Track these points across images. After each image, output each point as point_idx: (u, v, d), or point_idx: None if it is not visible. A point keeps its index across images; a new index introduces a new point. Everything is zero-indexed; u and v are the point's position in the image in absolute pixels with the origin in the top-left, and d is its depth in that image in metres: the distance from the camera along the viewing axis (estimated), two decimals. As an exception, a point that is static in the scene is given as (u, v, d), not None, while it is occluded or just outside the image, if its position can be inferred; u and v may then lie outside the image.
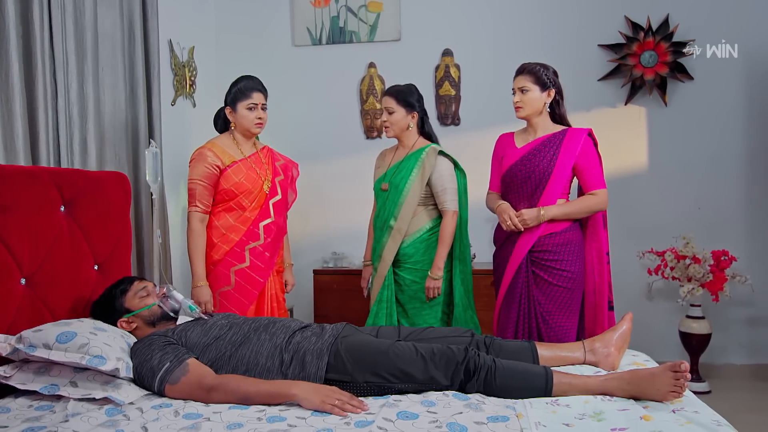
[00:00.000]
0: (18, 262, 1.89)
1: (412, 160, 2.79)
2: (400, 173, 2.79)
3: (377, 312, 2.77)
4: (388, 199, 2.80)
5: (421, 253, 2.78)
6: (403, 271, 2.79)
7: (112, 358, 1.76)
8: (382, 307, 2.77)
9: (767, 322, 3.63)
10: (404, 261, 2.78)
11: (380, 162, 2.96)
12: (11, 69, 2.19)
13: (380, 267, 2.79)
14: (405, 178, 2.76)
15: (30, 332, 1.80)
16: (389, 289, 2.78)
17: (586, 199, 2.54)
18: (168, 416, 1.61)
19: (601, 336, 2.07)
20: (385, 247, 2.77)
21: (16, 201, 1.89)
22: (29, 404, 1.71)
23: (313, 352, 1.85)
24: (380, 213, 2.84)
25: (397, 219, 2.75)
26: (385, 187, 2.83)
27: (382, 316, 2.76)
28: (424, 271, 2.77)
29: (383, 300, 2.77)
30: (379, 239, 2.82)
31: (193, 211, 2.59)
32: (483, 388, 1.76)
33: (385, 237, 2.78)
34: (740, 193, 3.66)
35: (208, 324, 1.99)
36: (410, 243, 2.77)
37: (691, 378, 1.67)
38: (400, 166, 2.81)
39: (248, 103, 2.62)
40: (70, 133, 2.48)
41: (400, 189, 2.76)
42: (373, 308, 2.78)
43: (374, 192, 2.94)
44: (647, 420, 1.54)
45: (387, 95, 2.81)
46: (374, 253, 2.88)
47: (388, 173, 2.86)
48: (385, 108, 2.80)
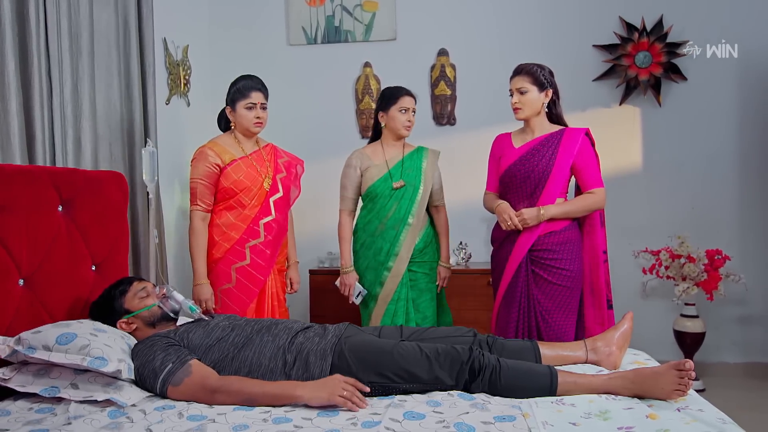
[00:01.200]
0: (16, 263, 1.86)
1: (416, 159, 2.86)
2: (410, 172, 2.84)
3: (395, 310, 2.78)
4: (404, 197, 2.81)
5: (429, 247, 2.89)
6: (414, 266, 2.84)
7: (114, 359, 1.74)
8: (401, 305, 2.80)
9: (760, 320, 3.67)
10: (416, 256, 2.84)
11: (367, 162, 2.87)
12: (7, 67, 2.17)
13: (397, 265, 2.79)
14: (418, 176, 2.83)
15: (29, 334, 1.77)
16: (407, 286, 2.82)
17: (584, 198, 2.55)
18: (172, 418, 1.59)
19: (602, 335, 2.07)
20: (404, 245, 2.79)
21: (15, 201, 1.87)
22: (29, 407, 1.69)
23: (317, 352, 1.84)
24: (391, 212, 2.81)
25: (415, 216, 2.81)
26: (400, 185, 2.81)
27: (401, 314, 2.78)
28: (430, 264, 2.89)
29: (401, 298, 2.80)
30: (392, 239, 2.80)
31: (195, 210, 2.61)
32: (488, 388, 1.76)
33: (402, 235, 2.79)
34: (733, 192, 3.69)
35: (210, 325, 1.97)
36: (421, 238, 2.85)
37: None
38: (405, 164, 2.84)
39: (247, 102, 2.63)
40: (64, 131, 2.46)
41: (416, 187, 2.82)
42: (390, 306, 2.79)
43: (372, 193, 2.86)
44: (653, 419, 1.55)
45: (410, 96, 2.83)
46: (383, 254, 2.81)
47: (393, 171, 2.85)
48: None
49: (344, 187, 2.93)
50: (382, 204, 2.85)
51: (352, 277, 2.88)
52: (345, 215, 2.93)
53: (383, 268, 2.82)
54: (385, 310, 2.81)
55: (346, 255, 2.91)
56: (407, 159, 2.86)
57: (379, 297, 2.83)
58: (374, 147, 2.92)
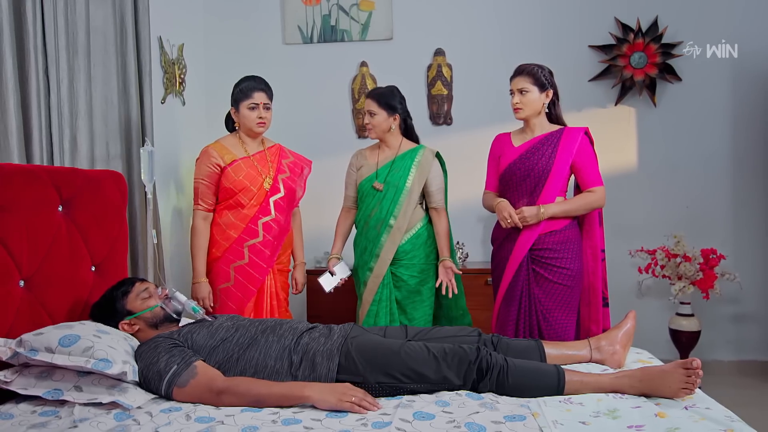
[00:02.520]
0: (17, 264, 1.83)
1: (407, 160, 2.82)
2: (397, 173, 2.80)
3: (377, 311, 2.76)
4: (385, 199, 2.79)
5: (418, 249, 2.82)
6: (400, 268, 2.80)
7: (119, 361, 1.71)
8: (383, 306, 2.76)
9: (753, 319, 3.70)
10: (402, 258, 2.79)
11: (362, 161, 2.91)
12: (5, 64, 2.13)
13: (378, 266, 2.77)
14: (404, 177, 2.78)
15: (31, 336, 1.74)
16: (388, 287, 2.78)
17: (585, 197, 2.56)
18: (180, 420, 1.57)
19: (606, 334, 2.09)
20: (384, 247, 2.76)
21: (15, 201, 1.84)
22: (32, 410, 1.66)
23: (323, 353, 1.83)
24: (373, 212, 2.82)
25: (397, 218, 2.76)
26: (380, 187, 2.81)
27: (383, 315, 2.75)
28: (421, 266, 2.81)
29: (383, 299, 2.77)
30: (374, 239, 2.80)
31: (196, 209, 2.66)
32: (495, 388, 1.76)
33: (383, 236, 2.76)
34: (727, 192, 3.72)
35: (213, 326, 1.96)
36: (409, 240, 2.80)
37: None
38: (394, 165, 2.82)
39: (249, 103, 2.65)
40: (61, 130, 2.43)
41: (400, 188, 2.77)
42: (372, 308, 2.76)
43: (360, 192, 2.90)
44: (662, 417, 1.56)
45: (369, 98, 2.82)
46: (366, 253, 2.83)
47: (380, 173, 2.84)
48: (367, 111, 2.81)
49: (345, 185, 3.00)
50: (367, 203, 2.87)
51: (331, 263, 2.90)
52: (342, 211, 3.02)
53: (366, 268, 2.83)
54: (367, 311, 2.80)
55: (336, 245, 2.96)
56: (398, 159, 2.82)
57: (362, 296, 2.84)
58: (375, 147, 2.92)
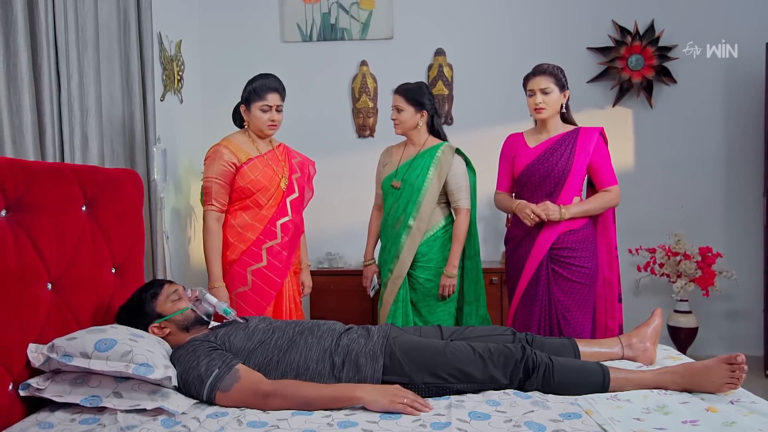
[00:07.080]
0: (46, 266, 1.75)
1: (427, 158, 2.76)
2: (414, 171, 2.76)
3: (394, 312, 2.73)
4: (402, 197, 2.76)
5: (435, 251, 2.77)
6: (416, 270, 2.76)
7: (160, 366, 1.66)
8: (399, 307, 2.74)
9: (747, 315, 3.80)
10: (418, 260, 2.76)
11: (387, 159, 2.91)
12: (19, 58, 2.05)
13: (398, 267, 2.74)
14: (422, 176, 2.73)
15: (63, 340, 1.67)
16: (404, 287, 2.76)
17: (602, 196, 2.59)
18: (232, 425, 1.53)
19: (635, 331, 2.11)
20: (404, 247, 2.73)
21: (45, 200, 1.76)
22: (71, 417, 1.59)
23: (367, 354, 1.80)
24: (392, 212, 2.79)
25: (416, 218, 2.72)
26: (397, 185, 2.77)
27: (400, 316, 2.73)
28: (437, 269, 2.76)
29: (400, 300, 2.75)
30: (394, 239, 2.77)
31: (209, 210, 2.51)
32: (541, 386, 1.76)
33: (403, 237, 2.73)
34: (720, 191, 3.82)
35: (249, 328, 1.91)
36: (425, 241, 2.76)
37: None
38: (413, 163, 2.78)
39: (262, 104, 2.53)
40: (71, 127, 2.34)
41: (417, 187, 2.73)
42: (392, 308, 2.74)
43: (382, 190, 2.90)
44: (713, 411, 1.58)
45: (396, 93, 2.79)
46: (387, 253, 2.82)
47: (399, 171, 2.81)
48: (395, 106, 2.77)
49: (375, 182, 2.99)
50: (387, 202, 2.84)
51: (369, 270, 2.93)
52: (373, 209, 3.00)
53: (386, 268, 2.81)
54: (388, 311, 2.78)
55: (368, 248, 2.97)
56: (418, 157, 2.77)
57: (383, 297, 2.82)
58: (402, 144, 2.90)
